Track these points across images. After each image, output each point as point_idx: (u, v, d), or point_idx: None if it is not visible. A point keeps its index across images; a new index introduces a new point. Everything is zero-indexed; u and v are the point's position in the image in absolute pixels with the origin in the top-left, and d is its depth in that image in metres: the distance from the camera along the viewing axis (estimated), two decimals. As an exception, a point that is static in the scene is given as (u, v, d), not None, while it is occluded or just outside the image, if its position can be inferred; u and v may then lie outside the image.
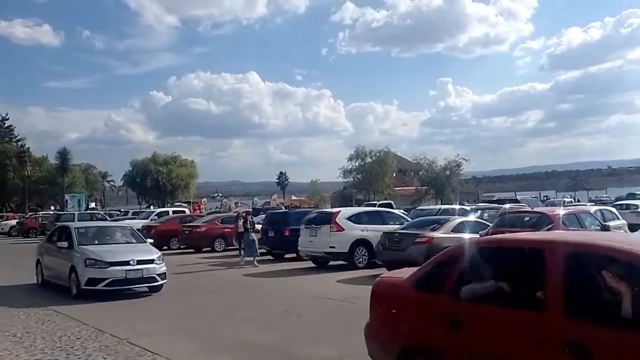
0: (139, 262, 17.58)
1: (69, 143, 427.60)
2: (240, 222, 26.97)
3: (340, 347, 10.85)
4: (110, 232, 19.98)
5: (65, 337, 12.48)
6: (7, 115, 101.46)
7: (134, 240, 19.38)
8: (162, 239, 33.86)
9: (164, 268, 18.12)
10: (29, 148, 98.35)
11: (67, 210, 67.35)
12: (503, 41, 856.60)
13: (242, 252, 26.46)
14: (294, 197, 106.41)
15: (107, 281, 17.19)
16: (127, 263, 17.41)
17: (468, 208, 35.41)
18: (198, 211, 65.08)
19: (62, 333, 12.91)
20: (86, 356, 10.95)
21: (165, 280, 18.08)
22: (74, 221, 45.61)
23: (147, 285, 17.74)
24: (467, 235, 18.79)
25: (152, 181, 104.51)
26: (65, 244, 18.71)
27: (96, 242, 18.86)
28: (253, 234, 26.18)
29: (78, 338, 12.41)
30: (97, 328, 13.25)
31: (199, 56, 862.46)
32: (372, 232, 23.15)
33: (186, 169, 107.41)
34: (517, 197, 55.88)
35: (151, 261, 17.80)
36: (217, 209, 75.01)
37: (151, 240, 20.19)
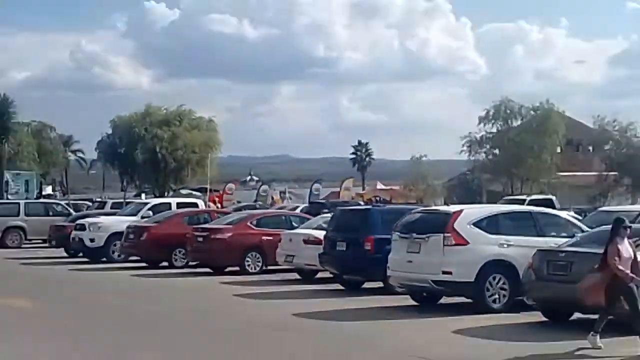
0: None
1: (13, 86, 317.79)
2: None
3: None
4: None
5: None
6: None
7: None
8: (159, 249, 24.88)
9: None
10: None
11: (7, 198, 47.98)
12: None
13: None
14: (381, 186, 72.70)
15: None
16: None
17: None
18: (219, 205, 49.54)
19: None
20: None
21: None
22: (18, 216, 35.95)
23: None
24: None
25: (145, 153, 65.69)
26: None
27: None
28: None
29: None
30: None
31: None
32: (518, 248, 15.50)
33: (201, 133, 67.94)
34: None
35: None
36: (253, 203, 50.97)
37: None
